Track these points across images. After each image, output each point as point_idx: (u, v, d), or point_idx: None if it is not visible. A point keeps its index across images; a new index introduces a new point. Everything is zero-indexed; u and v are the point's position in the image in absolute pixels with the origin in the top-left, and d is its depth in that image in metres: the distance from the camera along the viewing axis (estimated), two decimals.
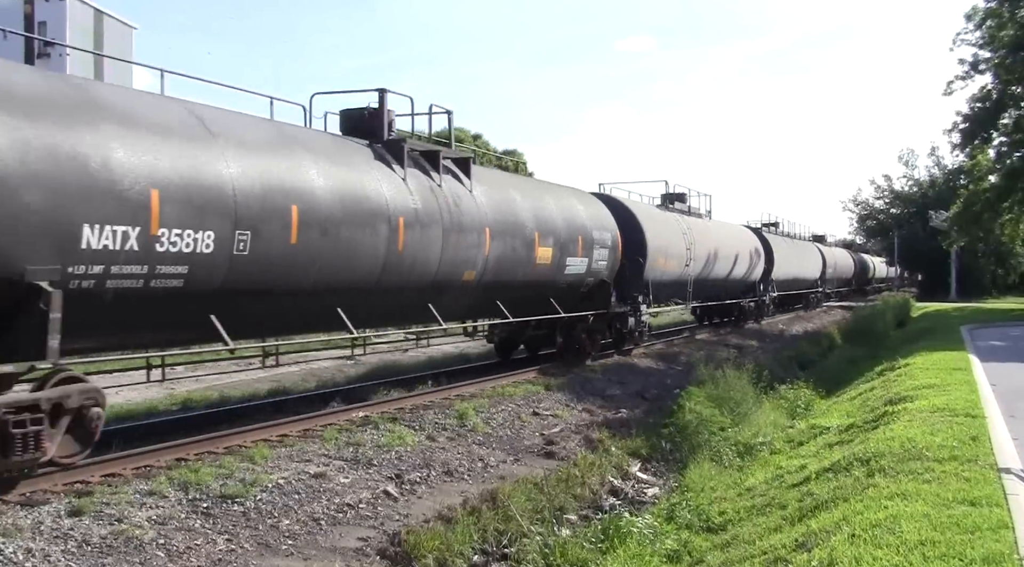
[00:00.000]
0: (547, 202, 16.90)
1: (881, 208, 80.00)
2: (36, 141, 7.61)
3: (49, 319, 7.49)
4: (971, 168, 38.49)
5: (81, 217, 7.80)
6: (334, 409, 12.48)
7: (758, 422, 14.32)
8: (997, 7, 33.64)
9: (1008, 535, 6.21)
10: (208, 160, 9.22)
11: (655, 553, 8.29)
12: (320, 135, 12.14)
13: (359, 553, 7.60)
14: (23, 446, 7.61)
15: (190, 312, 9.21)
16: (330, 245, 10.78)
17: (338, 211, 10.92)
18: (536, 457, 11.61)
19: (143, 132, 8.66)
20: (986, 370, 16.40)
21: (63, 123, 7.93)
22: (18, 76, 8.06)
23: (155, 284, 8.59)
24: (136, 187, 8.31)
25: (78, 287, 7.85)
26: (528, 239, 15.63)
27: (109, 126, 8.33)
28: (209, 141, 9.41)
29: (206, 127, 9.58)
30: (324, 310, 11.23)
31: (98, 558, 6.63)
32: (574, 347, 18.26)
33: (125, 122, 8.55)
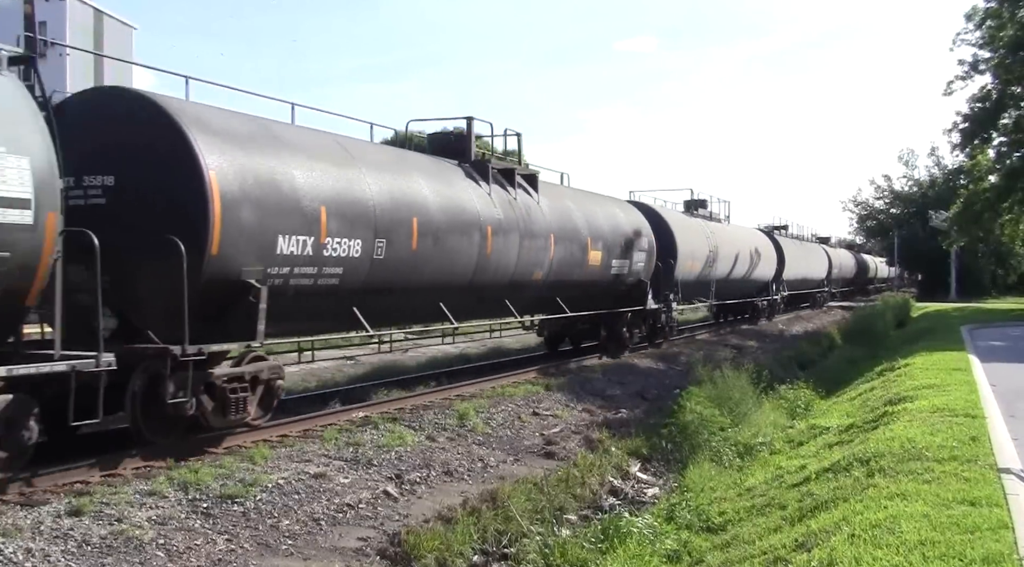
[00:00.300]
0: (595, 210, 19.16)
1: (881, 208, 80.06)
2: (248, 170, 9.74)
3: (258, 309, 9.60)
4: (971, 168, 38.47)
5: (276, 229, 9.98)
6: (334, 409, 12.49)
7: (758, 422, 14.32)
8: (997, 7, 33.62)
9: (1008, 535, 6.21)
10: (355, 180, 11.50)
11: (655, 553, 8.29)
12: (424, 157, 14.58)
13: (359, 553, 7.60)
14: (235, 408, 9.94)
15: (341, 305, 11.39)
16: (438, 250, 13.04)
17: (444, 221, 13.16)
18: (536, 457, 11.62)
19: (311, 160, 10.89)
20: (986, 370, 16.39)
21: (262, 154, 10.11)
22: (232, 119, 10.40)
23: (320, 282, 10.80)
24: (312, 204, 10.50)
25: (272, 284, 9.94)
26: (582, 244, 17.93)
27: (289, 156, 10.55)
28: (353, 165, 11.73)
29: (349, 153, 11.95)
30: (431, 304, 13.46)
31: (98, 558, 6.64)
32: (615, 340, 20.30)
33: (298, 152, 10.76)
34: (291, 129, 11.55)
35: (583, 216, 18.30)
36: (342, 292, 11.18)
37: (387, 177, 12.24)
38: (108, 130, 9.28)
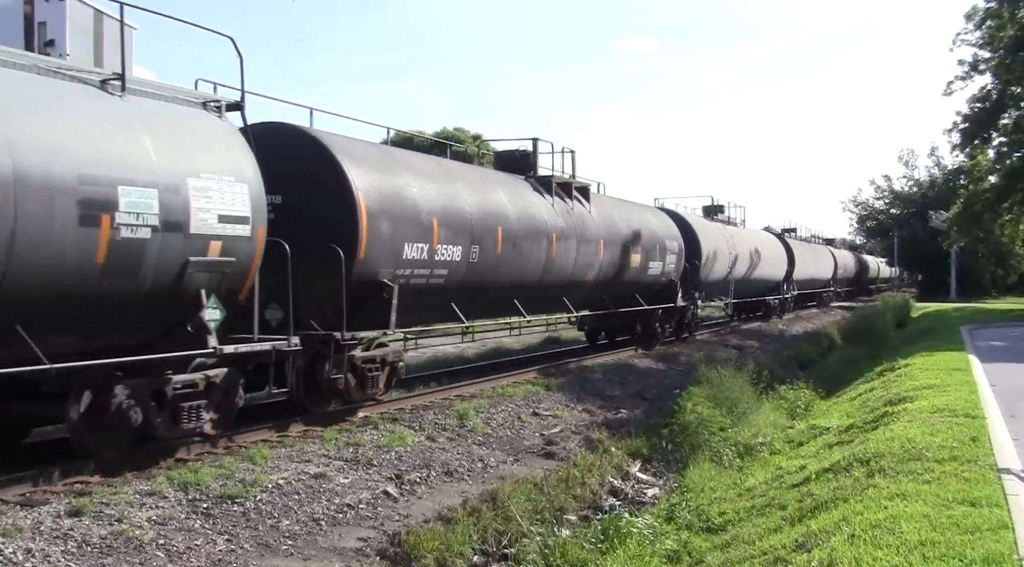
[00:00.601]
0: (634, 217, 21.52)
1: (881, 208, 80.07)
2: (382, 188, 12.02)
3: (391, 304, 11.91)
4: (971, 168, 38.48)
5: (403, 238, 12.23)
6: (334, 409, 12.47)
7: (758, 422, 14.33)
8: (997, 7, 33.63)
9: (1008, 535, 6.22)
10: (455, 195, 13.76)
11: (655, 553, 8.29)
12: (500, 173, 17.11)
13: (359, 553, 7.60)
14: (371, 384, 12.26)
15: (442, 301, 13.70)
16: (516, 254, 15.38)
17: (520, 229, 15.50)
18: (536, 457, 11.62)
19: (421, 178, 13.19)
20: (986, 370, 16.40)
21: (390, 175, 12.48)
22: (368, 148, 13.12)
23: (431, 281, 13.07)
24: (427, 217, 12.76)
25: (399, 283, 12.12)
26: (625, 248, 20.28)
27: (407, 175, 12.92)
28: (452, 181, 14.03)
29: (447, 171, 14.35)
30: (507, 300, 16.10)
31: (98, 558, 6.63)
32: (649, 334, 22.78)
33: (412, 171, 13.16)
34: (404, 152, 14.47)
35: (625, 223, 20.63)
36: (445, 290, 13.58)
37: (478, 192, 14.63)
38: (278, 157, 10.69)
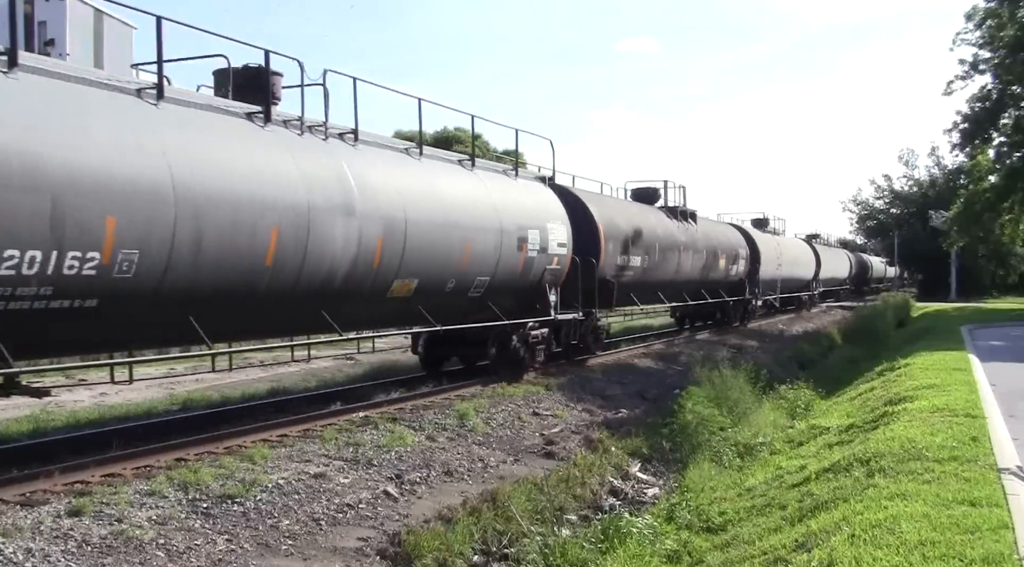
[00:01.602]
0: (720, 232, 29.74)
1: (881, 208, 79.98)
2: (609, 221, 19.64)
3: (613, 294, 19.00)
4: (971, 168, 38.48)
5: (618, 251, 19.77)
6: (334, 409, 12.48)
7: (758, 422, 14.32)
8: (997, 7, 33.62)
9: (1008, 535, 6.21)
10: (637, 220, 21.40)
11: (655, 553, 8.29)
12: (644, 205, 24.13)
13: (359, 553, 7.60)
14: (599, 340, 19.90)
15: (629, 292, 21.10)
16: (662, 261, 22.78)
17: (665, 244, 23.00)
18: (536, 457, 11.62)
19: (621, 214, 21.05)
20: (986, 370, 16.40)
21: (610, 211, 20.59)
22: (601, 197, 21.32)
23: (626, 280, 20.41)
24: (625, 237, 20.45)
25: (616, 282, 19.50)
26: (716, 255, 27.83)
27: (615, 209, 21.33)
28: (633, 216, 21.83)
29: (627, 203, 23.42)
30: (655, 294, 23.76)
31: (98, 558, 6.63)
32: (727, 319, 30.85)
33: (612, 205, 21.56)
34: (605, 197, 21.82)
35: (715, 237, 28.42)
36: (632, 285, 21.01)
37: (644, 221, 22.23)
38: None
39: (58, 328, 8.04)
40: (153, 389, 15.87)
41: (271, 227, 9.80)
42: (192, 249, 8.83)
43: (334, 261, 10.91)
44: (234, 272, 9.49)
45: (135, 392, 15.61)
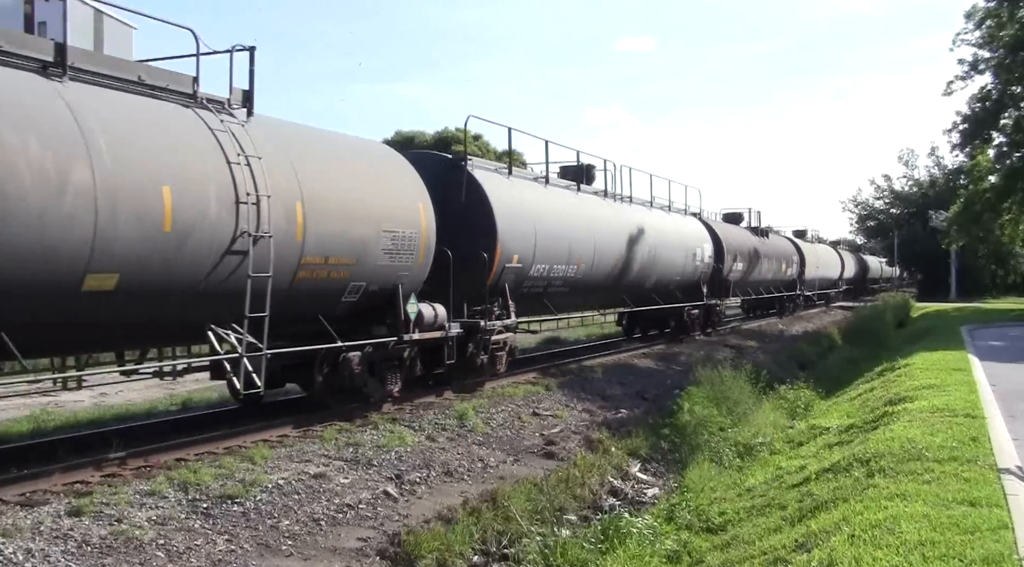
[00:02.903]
0: (782, 243, 38.52)
1: (881, 208, 79.97)
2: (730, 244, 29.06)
3: (730, 288, 28.39)
4: (971, 168, 38.47)
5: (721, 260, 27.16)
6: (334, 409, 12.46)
7: (758, 422, 14.33)
8: (997, 7, 33.62)
9: (1008, 535, 6.22)
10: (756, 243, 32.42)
11: (655, 553, 8.30)
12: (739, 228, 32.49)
13: (359, 553, 7.60)
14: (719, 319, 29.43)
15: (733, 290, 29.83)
16: (752, 267, 31.03)
17: (754, 254, 31.23)
18: (536, 457, 11.61)
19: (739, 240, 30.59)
20: (986, 370, 16.41)
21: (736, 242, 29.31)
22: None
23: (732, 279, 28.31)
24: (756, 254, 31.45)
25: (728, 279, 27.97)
26: (780, 261, 35.94)
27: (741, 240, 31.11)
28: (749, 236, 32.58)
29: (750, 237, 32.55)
30: (747, 290, 31.86)
31: (98, 558, 6.63)
32: (784, 309, 38.71)
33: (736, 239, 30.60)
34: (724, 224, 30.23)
35: (778, 245, 36.85)
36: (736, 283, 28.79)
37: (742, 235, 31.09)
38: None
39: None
40: (153, 389, 15.87)
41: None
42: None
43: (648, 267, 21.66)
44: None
45: (135, 392, 15.61)
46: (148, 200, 8.31)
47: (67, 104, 7.91)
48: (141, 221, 8.22)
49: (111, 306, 8.25)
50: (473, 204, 14.61)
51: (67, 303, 7.86)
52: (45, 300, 7.68)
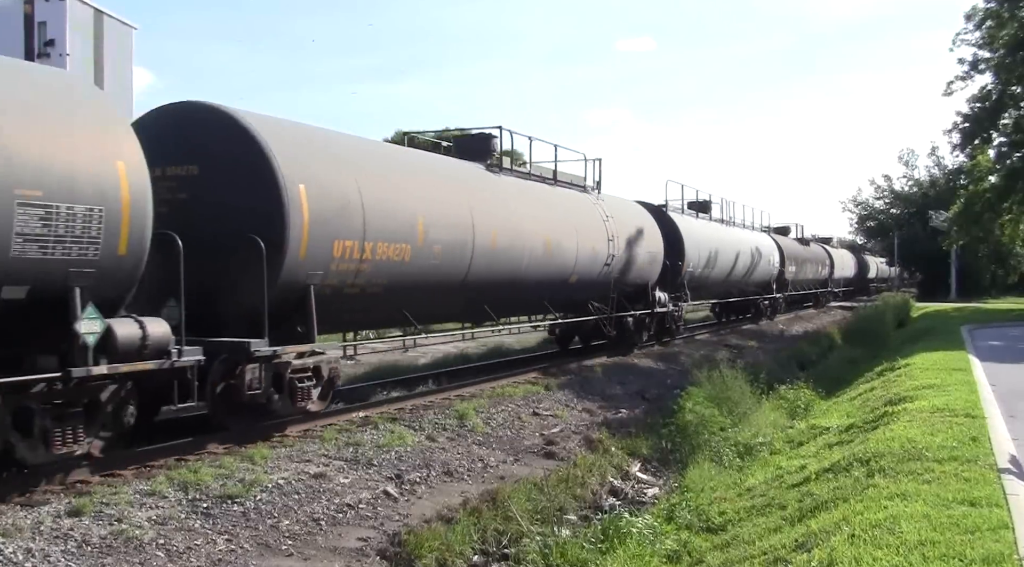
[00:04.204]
0: (814, 249, 46.66)
1: (881, 208, 79.87)
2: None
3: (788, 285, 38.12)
4: (971, 168, 38.42)
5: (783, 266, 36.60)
6: (334, 409, 12.48)
7: (758, 422, 14.32)
8: (997, 7, 33.57)
9: (1008, 535, 6.22)
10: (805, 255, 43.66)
11: (655, 553, 8.29)
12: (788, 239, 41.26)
13: (359, 553, 7.60)
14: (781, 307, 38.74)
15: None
16: (802, 270, 41.15)
17: (799, 259, 40.53)
18: (536, 457, 11.61)
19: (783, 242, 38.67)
20: (986, 370, 16.39)
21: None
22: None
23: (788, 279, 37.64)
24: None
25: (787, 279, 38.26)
26: (818, 264, 45.46)
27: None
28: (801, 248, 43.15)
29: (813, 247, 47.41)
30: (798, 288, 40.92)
31: (98, 558, 6.63)
32: (817, 304, 47.20)
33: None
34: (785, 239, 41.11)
35: (817, 253, 46.19)
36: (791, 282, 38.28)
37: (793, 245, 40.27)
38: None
39: None
40: None
41: None
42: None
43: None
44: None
45: None
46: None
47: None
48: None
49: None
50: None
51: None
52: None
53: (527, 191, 16.58)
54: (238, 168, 9.97)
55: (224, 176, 9.98)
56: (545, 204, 16.85)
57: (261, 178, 9.90)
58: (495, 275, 14.63)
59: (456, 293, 13.94)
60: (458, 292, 13.96)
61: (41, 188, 7.40)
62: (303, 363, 10.69)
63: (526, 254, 15.51)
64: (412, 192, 12.62)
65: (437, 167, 14.58)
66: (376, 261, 11.51)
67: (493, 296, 14.98)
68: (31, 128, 7.51)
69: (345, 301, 11.35)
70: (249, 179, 9.90)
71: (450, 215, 13.31)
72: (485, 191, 14.92)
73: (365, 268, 11.37)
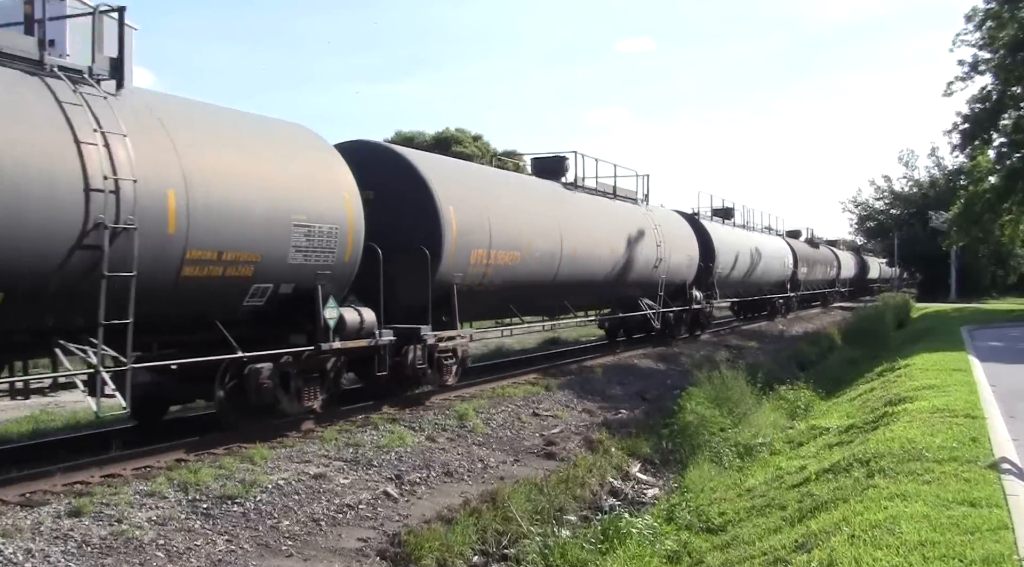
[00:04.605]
0: (824, 251, 50.10)
1: (881, 209, 79.88)
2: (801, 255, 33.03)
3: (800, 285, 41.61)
4: (971, 169, 38.42)
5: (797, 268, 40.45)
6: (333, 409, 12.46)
7: (758, 423, 14.32)
8: (997, 8, 33.59)
9: (1008, 536, 6.22)
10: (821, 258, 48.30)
11: (655, 554, 8.29)
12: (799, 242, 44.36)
13: (359, 554, 7.59)
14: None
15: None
16: (813, 270, 44.42)
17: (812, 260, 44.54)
18: (536, 458, 11.61)
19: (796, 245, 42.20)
20: (986, 371, 16.40)
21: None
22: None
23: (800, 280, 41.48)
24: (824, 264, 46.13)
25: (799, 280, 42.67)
26: (826, 265, 48.74)
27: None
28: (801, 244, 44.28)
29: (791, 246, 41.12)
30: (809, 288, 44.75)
31: (98, 558, 6.63)
32: (828, 300, 50.37)
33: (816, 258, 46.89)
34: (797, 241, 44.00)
35: (826, 255, 48.64)
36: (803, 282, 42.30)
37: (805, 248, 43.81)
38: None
39: None
40: None
41: None
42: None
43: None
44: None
45: None
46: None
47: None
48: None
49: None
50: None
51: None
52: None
53: (595, 205, 19.78)
54: (407, 196, 12.97)
55: (395, 200, 12.82)
56: (608, 216, 20.00)
57: (425, 205, 13.04)
58: (575, 277, 17.82)
59: (548, 291, 17.24)
60: (549, 290, 17.26)
61: (305, 213, 10.38)
62: (446, 345, 13.63)
63: (595, 259, 18.65)
64: (521, 209, 15.90)
65: (535, 188, 18.02)
66: (497, 265, 14.75)
67: (572, 293, 18.38)
68: (296, 172, 10.59)
69: (475, 297, 14.54)
70: (416, 205, 12.99)
71: (546, 227, 16.57)
72: (566, 206, 18.09)
73: (489, 272, 14.60)
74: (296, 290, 10.48)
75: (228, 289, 9.61)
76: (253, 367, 10.09)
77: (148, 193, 8.44)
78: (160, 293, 8.68)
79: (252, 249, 9.67)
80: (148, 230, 8.38)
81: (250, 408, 10.40)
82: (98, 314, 8.01)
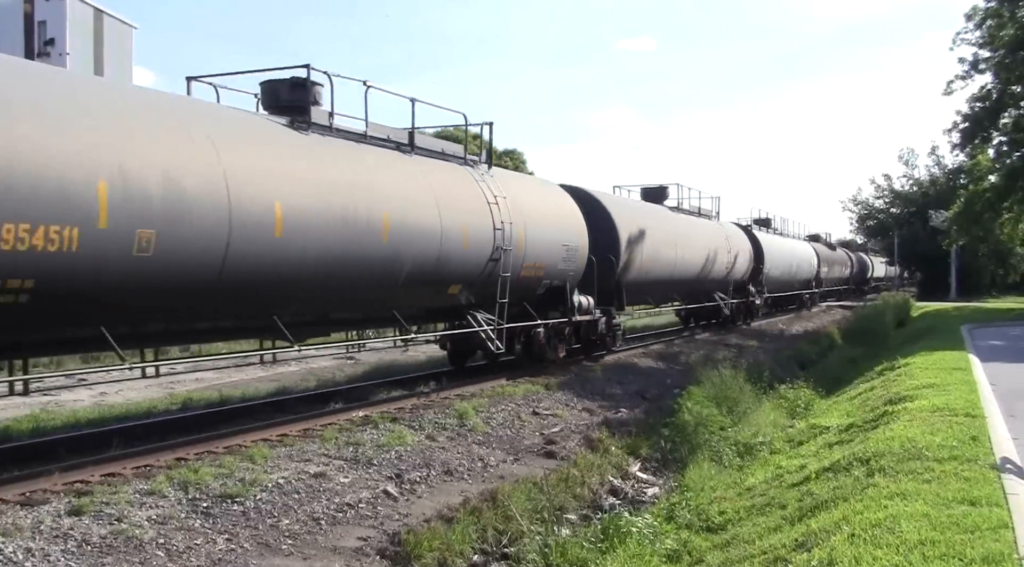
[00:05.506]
0: (840, 252, 56.96)
1: (881, 208, 79.84)
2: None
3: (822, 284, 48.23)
4: (971, 168, 38.43)
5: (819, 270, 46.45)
6: (334, 409, 12.49)
7: (758, 422, 14.32)
8: (997, 7, 33.56)
9: (1008, 535, 6.21)
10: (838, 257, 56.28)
11: (655, 553, 8.29)
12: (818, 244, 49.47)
13: (359, 553, 7.59)
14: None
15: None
16: (832, 271, 50.91)
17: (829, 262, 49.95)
18: (536, 457, 11.61)
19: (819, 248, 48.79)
20: (986, 370, 16.40)
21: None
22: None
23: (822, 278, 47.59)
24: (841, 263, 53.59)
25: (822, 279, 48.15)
26: (843, 266, 55.58)
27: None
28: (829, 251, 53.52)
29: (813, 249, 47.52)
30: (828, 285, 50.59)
31: (98, 558, 6.63)
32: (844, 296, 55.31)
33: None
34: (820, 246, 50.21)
35: (842, 257, 55.15)
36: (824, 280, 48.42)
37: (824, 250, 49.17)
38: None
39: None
40: (153, 389, 15.87)
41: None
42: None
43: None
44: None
45: (135, 392, 15.61)
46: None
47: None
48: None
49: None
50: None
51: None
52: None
53: (689, 222, 26.40)
54: (600, 223, 19.15)
55: (593, 225, 18.57)
56: (698, 231, 26.67)
57: (611, 229, 19.59)
58: (682, 276, 24.64)
59: (673, 287, 24.91)
60: (673, 286, 24.85)
61: (566, 240, 17.14)
62: (617, 321, 20.01)
63: (693, 263, 25.41)
64: (661, 228, 23.09)
65: (663, 213, 25.03)
66: (650, 269, 21.64)
67: (676, 289, 25.59)
68: (561, 214, 17.57)
69: (638, 288, 21.73)
70: (604, 228, 19.33)
71: (675, 241, 23.76)
72: (677, 223, 25.23)
73: (644, 274, 21.37)
74: (555, 285, 16.94)
75: (532, 283, 16.24)
76: (537, 329, 16.53)
77: (513, 231, 15.05)
78: (513, 284, 15.28)
79: (544, 261, 16.33)
80: (512, 251, 15.01)
81: (532, 354, 16.81)
82: (496, 295, 14.78)
